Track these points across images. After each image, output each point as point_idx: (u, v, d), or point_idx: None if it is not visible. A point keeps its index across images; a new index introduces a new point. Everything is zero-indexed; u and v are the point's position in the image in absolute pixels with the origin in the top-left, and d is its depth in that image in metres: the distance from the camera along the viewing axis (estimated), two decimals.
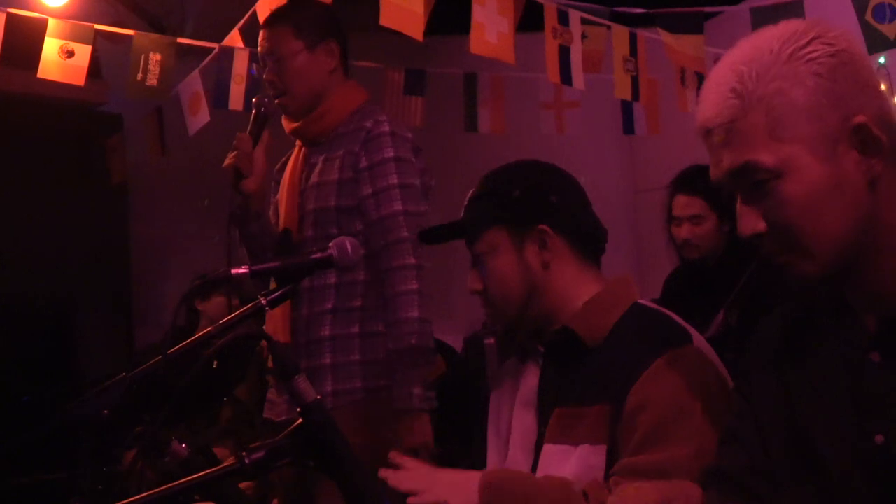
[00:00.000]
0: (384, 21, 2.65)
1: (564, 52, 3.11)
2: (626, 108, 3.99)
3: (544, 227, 1.75)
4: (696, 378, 1.56)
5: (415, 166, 2.54)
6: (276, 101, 2.58)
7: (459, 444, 3.15)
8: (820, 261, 1.23)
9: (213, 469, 1.09)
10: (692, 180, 3.23)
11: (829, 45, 1.23)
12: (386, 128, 2.52)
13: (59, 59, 3.43)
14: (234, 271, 1.62)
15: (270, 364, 2.59)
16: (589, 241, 1.79)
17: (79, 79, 3.44)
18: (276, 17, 2.63)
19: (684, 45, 3.38)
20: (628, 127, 4.05)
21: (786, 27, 1.26)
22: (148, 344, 4.09)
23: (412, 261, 2.44)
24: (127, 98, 3.78)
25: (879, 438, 1.20)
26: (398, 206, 2.47)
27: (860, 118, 1.20)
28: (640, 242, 4.87)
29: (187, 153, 4.28)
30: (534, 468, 1.71)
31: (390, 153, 2.50)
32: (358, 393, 2.48)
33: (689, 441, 1.51)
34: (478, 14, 2.80)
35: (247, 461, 1.10)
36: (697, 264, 3.28)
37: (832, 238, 1.22)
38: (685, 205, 3.25)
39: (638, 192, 4.69)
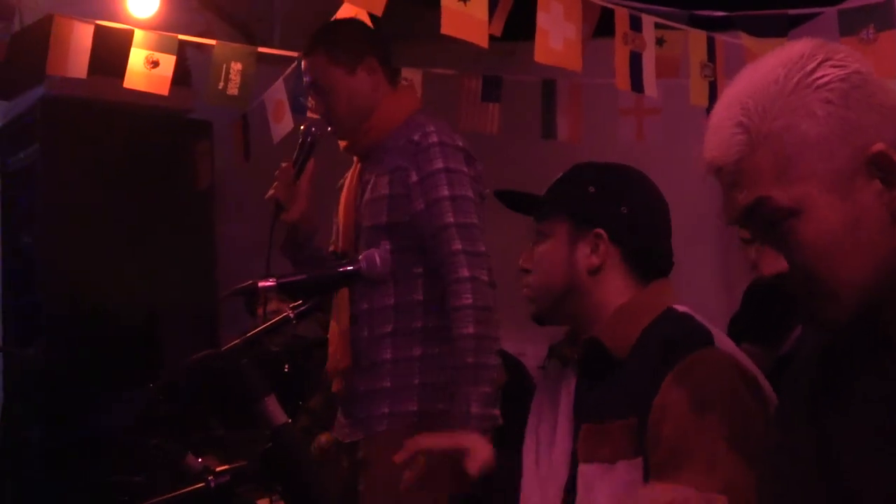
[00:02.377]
0: (445, 29, 2.64)
1: (636, 59, 3.04)
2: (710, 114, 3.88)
3: (601, 231, 1.73)
4: (716, 381, 1.50)
5: (466, 176, 2.49)
6: (327, 129, 2.58)
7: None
8: (845, 304, 1.15)
9: (177, 491, 1.09)
10: None
11: (840, 67, 1.15)
12: (434, 139, 2.48)
13: (145, 69, 3.53)
14: (261, 284, 1.63)
15: (334, 388, 2.59)
16: (647, 262, 1.76)
17: (163, 88, 3.54)
18: (311, 46, 2.62)
19: (767, 49, 3.26)
20: None
21: (791, 51, 1.19)
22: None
23: (465, 273, 2.39)
24: (210, 106, 3.86)
25: None
26: (449, 219, 2.43)
27: (878, 146, 1.12)
28: (727, 254, 4.73)
29: (272, 159, 4.34)
30: (571, 484, 1.67)
31: (440, 164, 2.46)
32: (412, 416, 2.44)
33: (707, 455, 1.45)
34: (542, 21, 2.77)
35: (212, 484, 1.10)
36: (775, 280, 3.17)
37: (855, 279, 1.14)
38: None
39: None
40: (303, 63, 2.65)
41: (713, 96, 3.35)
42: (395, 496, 2.35)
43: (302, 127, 2.59)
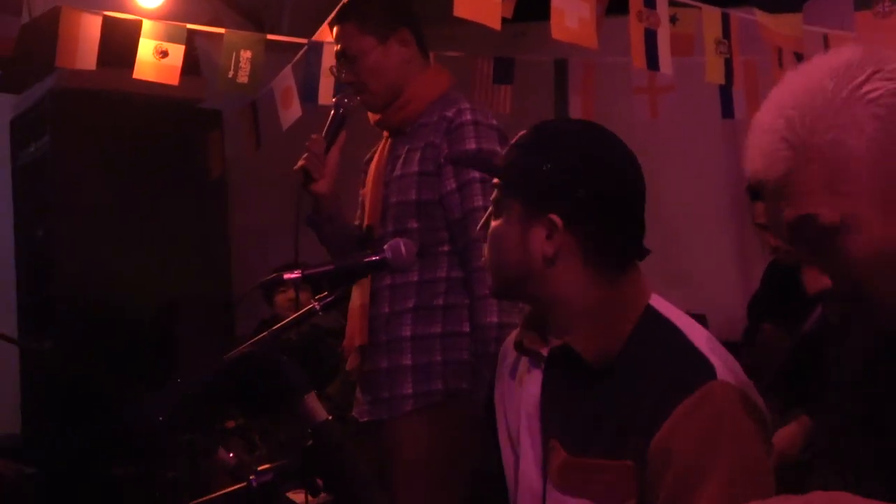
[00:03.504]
0: (458, 11, 2.61)
1: (651, 36, 3.00)
2: (724, 92, 3.84)
3: (555, 217, 1.52)
4: (723, 424, 1.40)
5: (499, 157, 2.45)
6: (357, 99, 2.54)
7: None
8: (893, 318, 1.12)
9: (218, 493, 1.08)
10: None
11: (890, 79, 1.10)
12: (468, 117, 2.43)
13: (154, 59, 3.51)
14: (286, 275, 1.61)
15: (349, 366, 2.57)
16: (611, 252, 1.55)
17: (173, 78, 3.52)
18: (342, 14, 2.57)
19: (781, 25, 3.23)
20: (727, 111, 3.90)
21: (838, 59, 1.13)
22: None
23: None
24: (220, 94, 3.85)
25: None
26: (478, 202, 2.38)
27: None
28: (744, 230, 4.70)
29: (282, 147, 4.32)
30: (543, 497, 1.56)
31: (472, 145, 2.41)
32: (438, 395, 2.42)
33: (716, 493, 1.36)
34: (557, 0, 2.73)
35: (254, 483, 1.09)
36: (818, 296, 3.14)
37: None
38: None
39: (742, 177, 4.52)
40: (334, 30, 2.60)
41: (729, 73, 3.31)
42: (428, 477, 2.36)
43: (334, 99, 2.54)
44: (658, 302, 1.56)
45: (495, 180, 1.66)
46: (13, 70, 4.49)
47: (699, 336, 1.50)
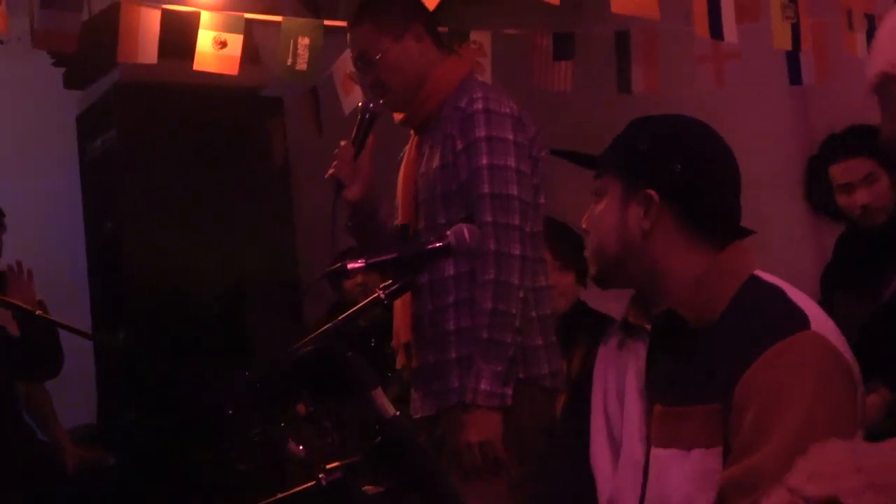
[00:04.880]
0: None
1: (714, 3, 2.92)
2: (792, 56, 3.72)
3: (652, 192, 1.60)
4: (809, 369, 1.42)
5: (510, 144, 2.43)
6: (380, 102, 2.55)
7: None
8: None
9: (288, 491, 1.07)
10: (854, 141, 3.00)
11: None
12: (479, 105, 2.44)
13: (213, 50, 3.53)
14: (350, 265, 1.60)
15: (398, 364, 2.58)
16: (709, 224, 1.62)
17: (233, 68, 3.54)
18: (357, 18, 2.59)
19: None
20: (794, 77, 3.78)
21: None
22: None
23: (492, 246, 2.35)
24: (280, 82, 3.86)
25: None
26: (485, 189, 2.39)
27: None
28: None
29: (344, 132, 4.32)
30: (646, 468, 1.61)
31: (482, 133, 2.42)
32: None
33: (786, 435, 1.37)
34: None
35: (324, 482, 1.08)
36: (873, 228, 3.05)
37: None
38: (853, 168, 3.02)
39: (813, 145, 4.39)
40: (349, 36, 2.62)
41: (795, 39, 3.22)
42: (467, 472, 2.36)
43: (360, 104, 2.56)
44: (764, 273, 1.60)
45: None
46: (77, 66, 4.57)
47: (802, 298, 1.53)
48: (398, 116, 2.64)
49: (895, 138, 1.12)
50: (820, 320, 1.50)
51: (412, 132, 2.67)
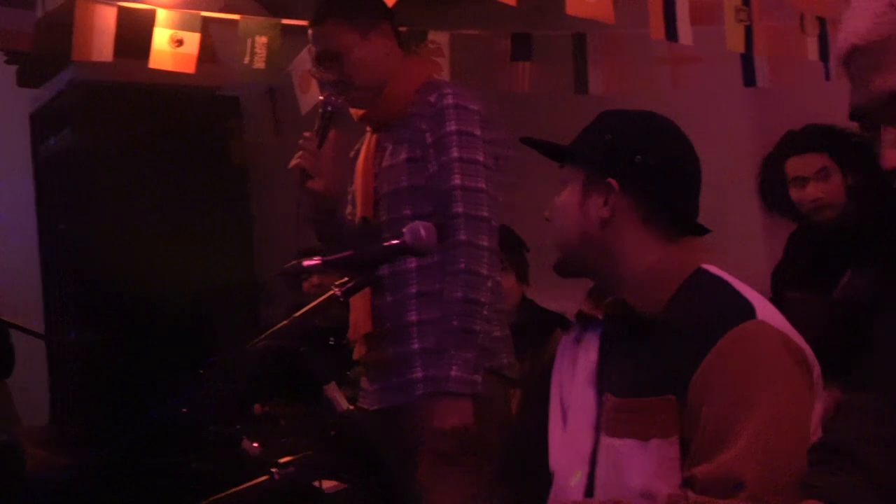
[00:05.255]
0: None
1: (669, 6, 2.96)
2: (746, 60, 3.77)
3: (612, 182, 1.63)
4: (761, 358, 1.46)
5: (479, 140, 2.47)
6: (342, 98, 2.55)
7: None
8: None
9: (242, 486, 1.07)
10: (810, 137, 3.05)
11: None
12: (449, 101, 2.47)
13: (170, 48, 3.51)
14: (306, 263, 1.60)
15: (356, 355, 2.59)
16: (665, 216, 1.65)
17: (189, 67, 3.52)
18: (323, 13, 2.58)
19: None
20: (749, 78, 3.83)
21: None
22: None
23: (462, 237, 2.40)
24: (237, 82, 3.84)
25: None
26: (456, 181, 2.42)
27: None
28: None
29: (302, 132, 4.31)
30: (593, 457, 1.63)
31: (452, 127, 2.45)
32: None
33: (754, 432, 1.41)
34: None
35: (277, 476, 1.07)
36: (826, 224, 3.10)
37: None
38: (808, 163, 3.06)
39: (767, 147, 4.46)
40: (311, 31, 2.61)
41: (749, 41, 3.26)
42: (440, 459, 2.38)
43: (321, 97, 2.56)
44: (712, 267, 1.63)
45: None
46: (31, 64, 4.50)
47: (746, 289, 1.57)
48: (358, 114, 2.64)
49: (862, 107, 1.14)
50: (765, 309, 1.53)
51: (368, 130, 2.68)
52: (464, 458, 2.31)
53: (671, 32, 2.97)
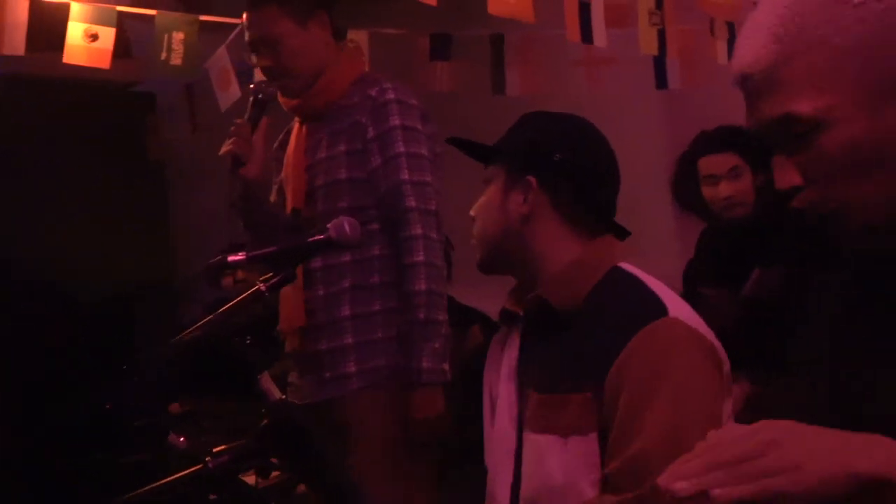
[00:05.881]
0: None
1: (585, 9, 3.02)
2: (659, 62, 3.87)
3: (532, 179, 1.69)
4: (673, 353, 1.51)
5: (422, 135, 2.49)
6: (274, 86, 2.54)
7: None
8: (863, 216, 1.15)
9: (175, 475, 1.08)
10: (723, 137, 3.15)
11: None
12: (391, 95, 2.47)
13: (84, 42, 3.45)
14: (230, 258, 1.61)
15: (288, 347, 2.58)
16: (581, 213, 1.71)
17: (104, 62, 3.46)
18: None
19: None
20: (661, 81, 3.94)
21: None
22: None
23: (419, 231, 2.41)
24: (153, 78, 3.79)
25: None
26: (405, 176, 2.43)
27: None
28: None
29: (220, 129, 4.28)
30: (518, 452, 1.67)
31: (397, 121, 2.46)
32: (383, 371, 2.46)
33: (661, 424, 1.46)
34: None
35: (211, 465, 1.08)
36: (736, 221, 3.20)
37: (876, 194, 1.14)
38: (720, 161, 3.16)
39: (679, 147, 4.57)
40: (247, 16, 2.58)
41: (662, 45, 3.35)
42: (384, 455, 2.40)
43: (252, 85, 2.54)
44: (627, 265, 1.69)
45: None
46: None
47: (659, 287, 1.63)
48: (289, 103, 2.62)
49: (754, 131, 1.20)
50: (677, 306, 1.58)
51: (296, 120, 2.65)
52: (438, 445, 2.37)
53: (587, 35, 3.03)
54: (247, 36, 2.59)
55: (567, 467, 1.56)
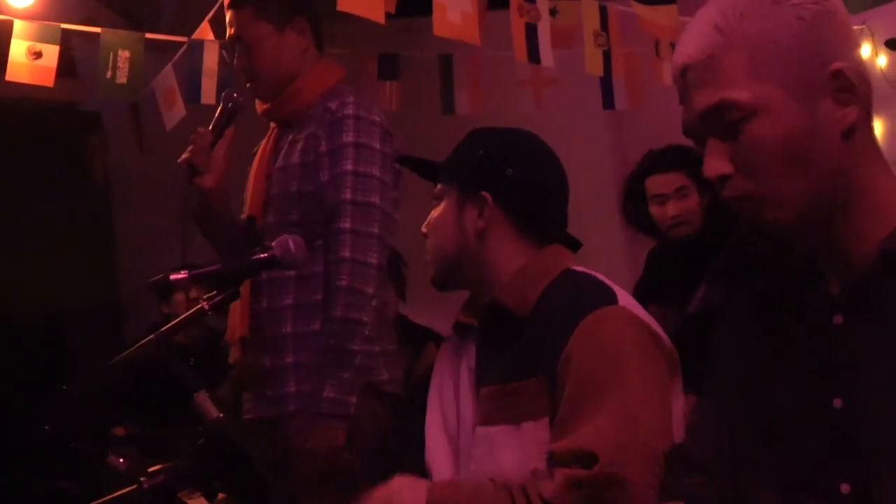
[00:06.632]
0: (342, 6, 2.59)
1: (532, 30, 3.05)
2: (605, 83, 3.92)
3: (486, 195, 1.72)
4: (621, 336, 1.54)
5: (376, 153, 2.42)
6: (247, 86, 2.51)
7: None
8: (788, 208, 1.19)
9: (110, 496, 1.06)
10: (671, 156, 3.18)
11: None
12: (350, 111, 2.42)
13: (27, 60, 3.40)
14: (172, 276, 1.58)
15: (231, 358, 2.54)
16: (535, 225, 1.75)
17: (48, 80, 3.41)
18: None
19: (658, 16, 3.33)
20: (608, 101, 3.98)
21: None
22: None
23: (346, 254, 2.34)
24: (99, 97, 3.74)
25: (838, 403, 1.18)
26: (346, 195, 2.37)
27: (838, 64, 1.18)
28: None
29: (166, 148, 4.23)
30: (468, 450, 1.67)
31: (350, 138, 2.40)
32: (318, 394, 2.36)
33: (613, 404, 1.48)
34: None
35: (146, 486, 1.07)
36: (682, 240, 3.23)
37: (803, 185, 1.18)
38: (668, 181, 3.20)
39: (626, 166, 4.63)
40: (227, 15, 2.55)
41: (608, 66, 3.38)
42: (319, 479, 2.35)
43: (223, 94, 2.50)
44: (580, 267, 1.73)
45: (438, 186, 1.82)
46: None
47: (612, 283, 1.66)
48: (261, 107, 2.58)
49: (690, 123, 1.23)
50: (627, 299, 1.63)
51: (272, 125, 2.61)
52: (335, 477, 2.31)
53: (533, 55, 3.06)
54: (227, 32, 2.56)
55: (518, 455, 1.57)
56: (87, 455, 1.35)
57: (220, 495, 1.33)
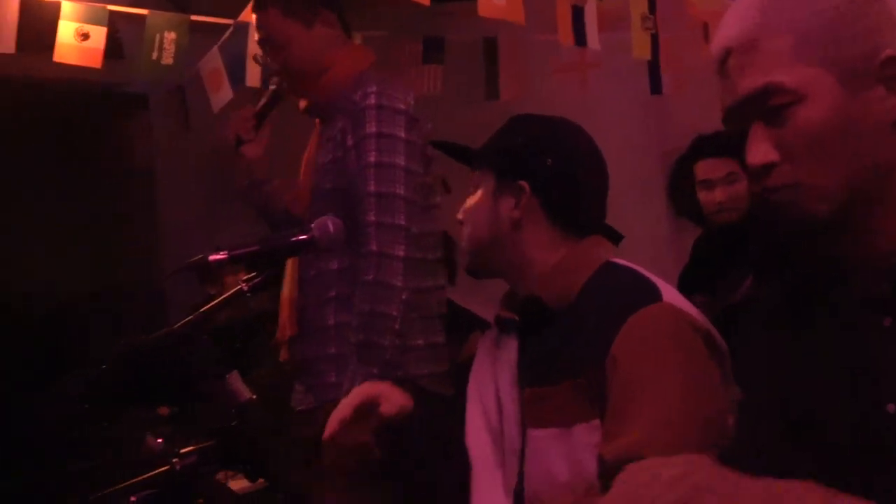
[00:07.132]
0: None
1: (578, 13, 3.02)
2: (653, 67, 3.86)
3: (524, 184, 1.69)
4: (668, 335, 1.49)
5: (400, 142, 2.37)
6: (284, 85, 2.51)
7: None
8: (829, 198, 1.14)
9: (141, 477, 1.06)
10: (720, 142, 3.13)
11: None
12: (372, 101, 2.37)
13: (75, 42, 3.44)
14: (211, 257, 1.58)
15: (283, 356, 2.55)
16: (572, 216, 1.71)
17: (95, 61, 3.45)
18: (263, 0, 2.51)
19: (706, 1, 3.28)
20: (655, 87, 3.92)
21: None
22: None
23: (373, 248, 2.31)
24: (144, 78, 3.77)
25: (891, 407, 1.13)
26: (370, 188, 2.34)
27: (890, 51, 1.13)
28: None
29: (211, 131, 4.26)
30: (522, 451, 1.64)
31: (372, 129, 2.36)
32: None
33: (658, 408, 1.42)
34: None
35: (178, 466, 1.06)
36: (728, 227, 3.18)
37: (847, 173, 1.14)
38: (717, 166, 3.15)
39: (669, 154, 4.56)
40: (254, 18, 2.55)
41: (655, 49, 3.34)
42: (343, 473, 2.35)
43: (268, 76, 2.50)
44: (621, 260, 1.68)
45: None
46: None
47: (654, 276, 1.62)
48: (302, 104, 2.58)
49: (733, 108, 1.20)
50: (672, 294, 1.57)
51: (317, 121, 2.61)
52: (358, 469, 2.30)
53: (580, 38, 3.02)
54: (257, 35, 2.56)
55: (571, 458, 1.54)
56: (123, 438, 1.35)
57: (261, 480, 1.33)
